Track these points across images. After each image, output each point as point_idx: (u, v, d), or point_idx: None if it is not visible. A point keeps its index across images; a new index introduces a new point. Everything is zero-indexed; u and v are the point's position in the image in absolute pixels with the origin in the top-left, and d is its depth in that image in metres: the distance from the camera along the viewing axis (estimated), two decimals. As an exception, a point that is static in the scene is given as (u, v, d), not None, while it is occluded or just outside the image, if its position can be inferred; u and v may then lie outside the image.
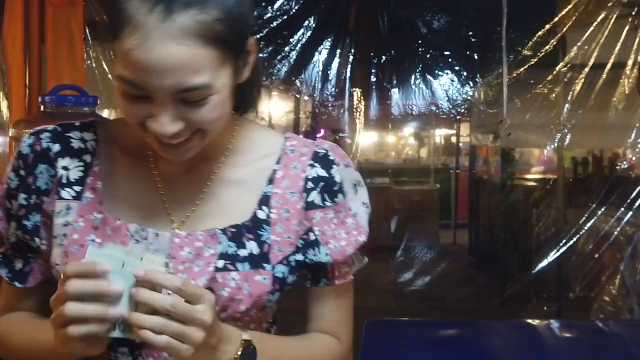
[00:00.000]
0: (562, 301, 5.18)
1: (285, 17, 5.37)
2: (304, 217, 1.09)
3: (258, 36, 5.52)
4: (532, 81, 4.90)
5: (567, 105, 4.70)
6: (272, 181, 1.09)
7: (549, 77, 4.81)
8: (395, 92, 6.33)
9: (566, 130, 4.79)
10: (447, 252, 8.23)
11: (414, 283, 6.70)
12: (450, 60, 6.00)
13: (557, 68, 4.76)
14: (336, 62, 5.85)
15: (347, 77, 6.00)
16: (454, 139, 10.74)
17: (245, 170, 1.11)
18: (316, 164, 1.11)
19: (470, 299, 6.23)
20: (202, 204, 1.08)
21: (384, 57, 6.04)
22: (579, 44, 4.64)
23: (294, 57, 5.64)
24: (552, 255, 4.72)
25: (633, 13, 4.56)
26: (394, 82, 6.14)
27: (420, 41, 5.80)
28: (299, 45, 5.61)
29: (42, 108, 2.72)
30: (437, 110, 6.58)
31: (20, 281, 1.13)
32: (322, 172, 1.10)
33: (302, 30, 5.59)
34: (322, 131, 8.89)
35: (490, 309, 5.80)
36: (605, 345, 2.52)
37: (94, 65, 4.47)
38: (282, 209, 1.08)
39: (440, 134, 11.89)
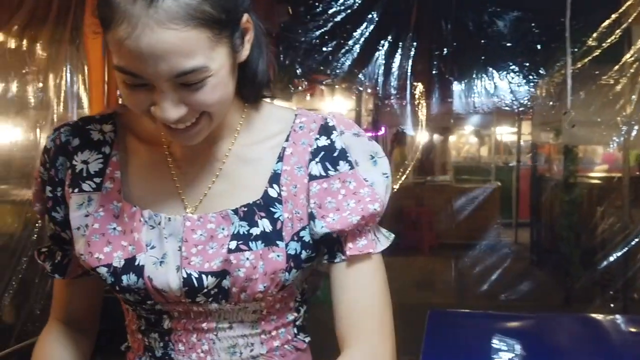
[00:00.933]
0: (627, 302, 5.09)
1: (349, 11, 5.46)
2: (307, 190, 1.07)
3: (322, 30, 5.64)
4: (597, 72, 4.81)
5: (633, 97, 4.60)
6: (282, 159, 1.07)
7: (615, 68, 4.71)
8: (457, 86, 6.31)
9: (633, 122, 4.67)
10: (509, 251, 8.14)
11: (475, 281, 6.65)
12: (513, 52, 5.93)
13: (623, 59, 4.67)
14: (398, 55, 5.88)
15: (409, 71, 6.01)
16: (515, 137, 10.62)
17: (258, 149, 1.09)
18: (321, 136, 1.08)
19: (532, 298, 6.16)
20: (214, 186, 1.07)
21: (445, 50, 6.03)
22: (645, 34, 4.55)
23: (357, 50, 5.70)
24: (618, 253, 4.63)
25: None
26: (456, 75, 6.13)
27: (482, 33, 5.78)
28: (362, 39, 5.68)
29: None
30: (500, 103, 6.48)
31: (60, 273, 1.17)
32: (324, 142, 1.07)
33: (364, 24, 5.65)
34: (383, 128, 8.91)
35: (553, 306, 5.74)
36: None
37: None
38: (291, 185, 1.06)
39: (501, 131, 11.76)
